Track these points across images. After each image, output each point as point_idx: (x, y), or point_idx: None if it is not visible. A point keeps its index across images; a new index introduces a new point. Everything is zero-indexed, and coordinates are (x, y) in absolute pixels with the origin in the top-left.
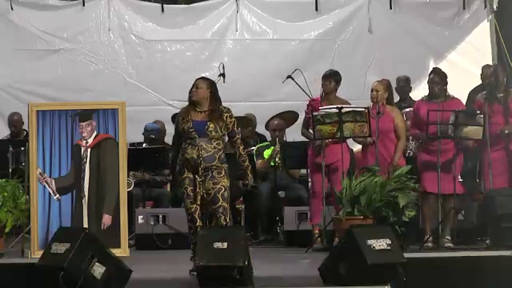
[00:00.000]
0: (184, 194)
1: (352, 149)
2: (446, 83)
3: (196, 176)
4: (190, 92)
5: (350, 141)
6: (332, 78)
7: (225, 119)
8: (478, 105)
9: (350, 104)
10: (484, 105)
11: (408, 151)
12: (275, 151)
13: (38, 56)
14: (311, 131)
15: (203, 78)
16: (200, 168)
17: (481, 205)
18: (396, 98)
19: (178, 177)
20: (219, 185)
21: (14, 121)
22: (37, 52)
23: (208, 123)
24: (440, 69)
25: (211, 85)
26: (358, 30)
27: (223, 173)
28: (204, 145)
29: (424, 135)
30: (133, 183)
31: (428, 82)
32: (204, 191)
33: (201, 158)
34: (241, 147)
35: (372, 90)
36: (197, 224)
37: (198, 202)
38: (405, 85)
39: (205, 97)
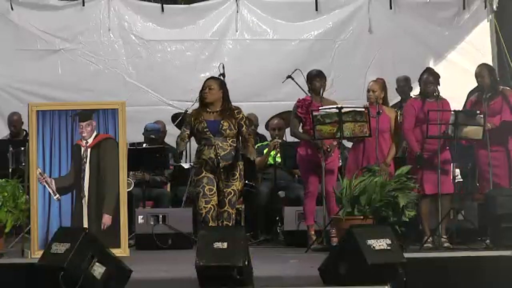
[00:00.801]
0: (200, 193)
1: (349, 148)
2: (439, 84)
3: (215, 176)
4: (202, 93)
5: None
6: (324, 77)
7: (235, 116)
8: (470, 104)
9: (336, 104)
10: (485, 105)
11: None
12: (274, 144)
13: (38, 56)
14: (301, 129)
15: (213, 78)
16: (220, 167)
17: (481, 205)
18: (397, 98)
19: (194, 178)
20: (230, 189)
21: (14, 121)
22: (37, 52)
23: (222, 121)
24: (433, 69)
25: (223, 85)
26: (358, 30)
27: (237, 174)
28: (220, 144)
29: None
30: (133, 183)
31: (421, 82)
32: (219, 191)
33: (219, 157)
34: (247, 133)
35: (368, 91)
36: (210, 224)
37: (214, 203)
38: (404, 84)
39: (218, 98)
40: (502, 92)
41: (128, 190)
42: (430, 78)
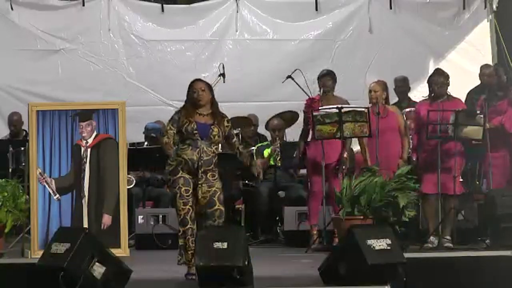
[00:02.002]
0: (177, 194)
1: (352, 149)
2: (449, 84)
3: (193, 179)
4: (196, 95)
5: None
6: (330, 76)
7: (225, 124)
8: (479, 106)
9: (348, 103)
10: (485, 105)
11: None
12: (274, 149)
13: (38, 56)
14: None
15: (202, 80)
16: (200, 171)
17: (481, 205)
18: (396, 98)
19: (169, 178)
20: (215, 188)
21: (14, 121)
22: (37, 52)
23: (212, 127)
24: (443, 70)
25: (211, 87)
26: (358, 30)
27: (216, 176)
28: (205, 148)
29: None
30: (134, 180)
31: (431, 83)
32: (200, 194)
33: (201, 161)
34: (240, 146)
35: (370, 91)
36: (188, 226)
37: (191, 204)
38: (402, 85)
39: (209, 100)
40: (509, 96)
41: (130, 187)
42: (441, 79)
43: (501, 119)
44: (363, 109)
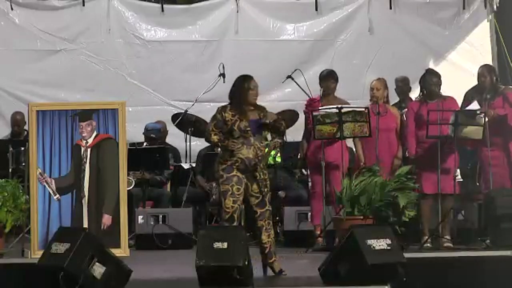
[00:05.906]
0: (228, 191)
1: (351, 148)
2: (441, 83)
3: (245, 178)
4: (249, 92)
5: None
6: (332, 77)
7: (268, 115)
8: (466, 105)
9: (349, 104)
10: (484, 104)
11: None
12: (275, 143)
13: (38, 56)
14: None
15: (251, 77)
16: (258, 168)
17: (481, 205)
18: (396, 98)
19: (222, 174)
20: (267, 188)
21: (17, 121)
22: (37, 52)
23: (262, 121)
24: (434, 69)
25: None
26: (358, 30)
27: (267, 174)
28: (258, 145)
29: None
30: (133, 181)
31: (425, 83)
32: (253, 193)
33: (258, 159)
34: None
35: (372, 89)
36: (235, 224)
37: (239, 203)
38: (403, 85)
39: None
40: (503, 93)
41: (129, 188)
42: (434, 79)
43: (504, 111)
44: (363, 109)
